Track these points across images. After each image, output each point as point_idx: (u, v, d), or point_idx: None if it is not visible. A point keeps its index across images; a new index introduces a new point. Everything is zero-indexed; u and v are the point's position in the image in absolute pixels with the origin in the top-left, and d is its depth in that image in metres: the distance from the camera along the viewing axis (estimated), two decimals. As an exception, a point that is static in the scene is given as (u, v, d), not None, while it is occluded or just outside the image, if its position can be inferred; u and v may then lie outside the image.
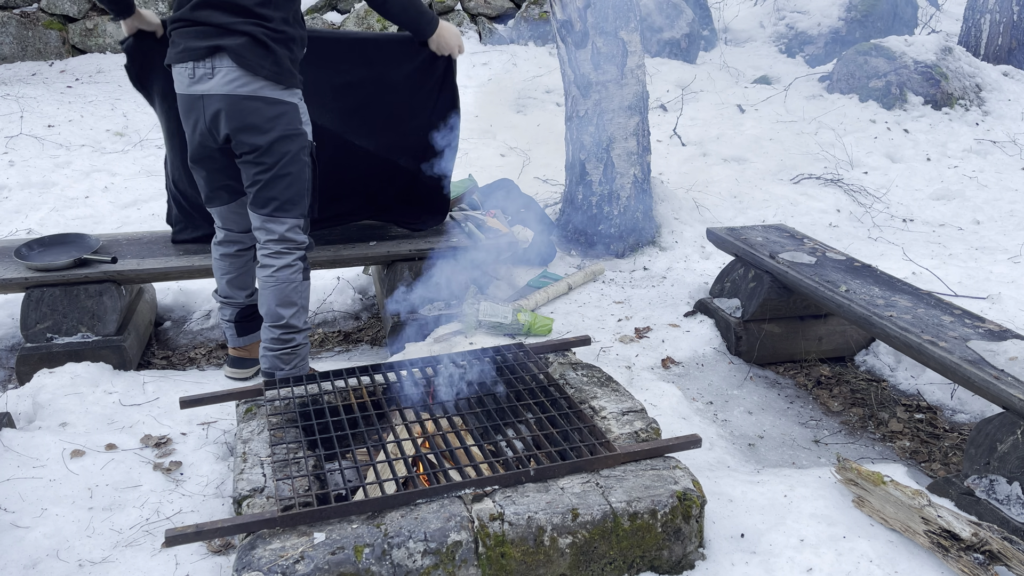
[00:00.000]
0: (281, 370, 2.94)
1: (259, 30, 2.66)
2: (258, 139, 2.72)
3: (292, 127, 2.76)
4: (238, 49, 2.64)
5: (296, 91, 2.79)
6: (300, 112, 2.80)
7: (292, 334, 2.92)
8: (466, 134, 6.45)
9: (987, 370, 2.41)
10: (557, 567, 2.05)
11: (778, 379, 3.43)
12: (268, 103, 2.70)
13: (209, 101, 2.71)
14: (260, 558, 1.89)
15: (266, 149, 2.73)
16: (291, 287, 2.86)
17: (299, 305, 2.90)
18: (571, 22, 4.26)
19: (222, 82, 2.67)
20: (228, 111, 2.69)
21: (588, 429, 2.36)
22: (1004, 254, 4.62)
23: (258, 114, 2.70)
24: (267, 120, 2.71)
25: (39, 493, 2.42)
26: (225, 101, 2.68)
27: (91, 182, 5.37)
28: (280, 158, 2.75)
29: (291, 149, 2.76)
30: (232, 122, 2.71)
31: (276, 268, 2.84)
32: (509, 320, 3.51)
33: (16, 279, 3.25)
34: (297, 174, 2.80)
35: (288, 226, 2.83)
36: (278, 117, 2.72)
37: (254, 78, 2.66)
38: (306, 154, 2.82)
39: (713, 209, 5.18)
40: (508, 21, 9.10)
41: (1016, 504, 2.29)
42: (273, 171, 2.76)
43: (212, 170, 2.93)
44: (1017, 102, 7.11)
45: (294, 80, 2.76)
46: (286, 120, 2.74)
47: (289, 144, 2.76)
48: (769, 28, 9.36)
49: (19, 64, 7.87)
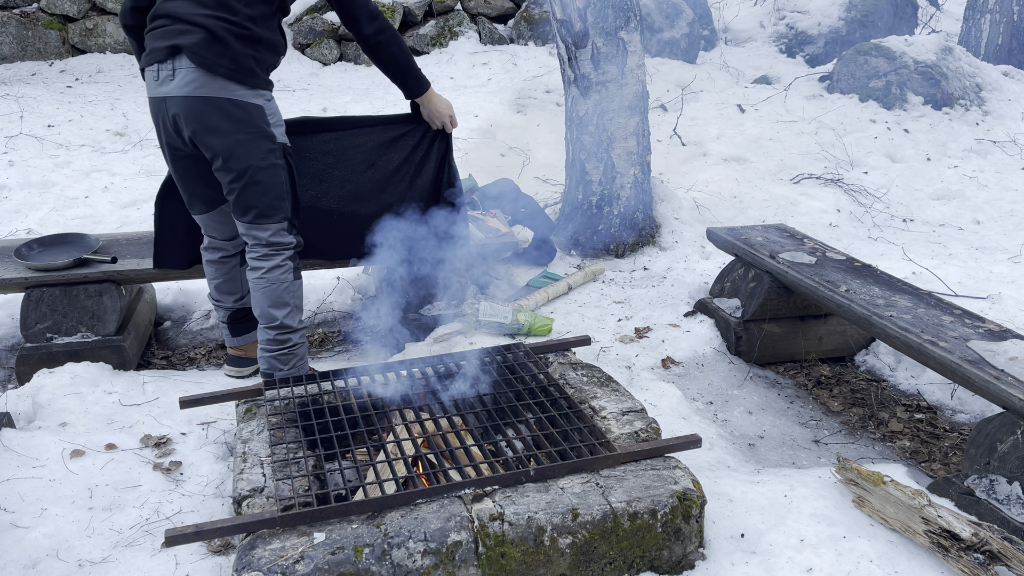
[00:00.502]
0: (280, 370, 2.93)
1: (219, 24, 2.59)
2: (218, 142, 2.65)
3: (255, 128, 2.67)
4: (194, 47, 2.58)
5: (262, 92, 2.70)
6: (266, 113, 2.71)
7: (287, 334, 2.90)
8: (466, 134, 6.46)
9: (987, 370, 2.41)
10: (557, 567, 2.05)
11: (778, 379, 3.43)
12: (226, 104, 2.62)
13: (170, 104, 2.66)
14: (260, 558, 1.88)
15: (230, 154, 2.66)
16: (282, 287, 2.83)
17: (292, 305, 2.87)
18: (571, 22, 4.26)
19: (181, 83, 2.61)
20: (186, 114, 2.64)
21: (588, 429, 2.36)
22: (1004, 254, 4.62)
23: (216, 116, 2.63)
24: (226, 122, 2.63)
25: (39, 493, 2.42)
26: (183, 103, 2.63)
27: (91, 182, 5.37)
28: (248, 164, 2.68)
29: (257, 152, 2.68)
30: (191, 124, 2.65)
31: (266, 270, 2.81)
32: (509, 320, 3.51)
33: (16, 279, 3.25)
34: (270, 179, 2.73)
35: (272, 231, 2.78)
36: (238, 119, 2.64)
37: (213, 78, 2.59)
38: (277, 157, 2.74)
39: (713, 209, 5.18)
40: (508, 21, 9.10)
41: (1016, 504, 2.28)
42: (245, 179, 2.70)
43: (187, 177, 2.88)
44: (1017, 102, 7.11)
45: (257, 80, 2.68)
46: (248, 122, 2.66)
47: (254, 147, 2.68)
48: (769, 28, 9.36)
49: (19, 64, 7.86)
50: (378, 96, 7.30)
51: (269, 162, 2.72)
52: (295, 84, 7.79)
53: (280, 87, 7.64)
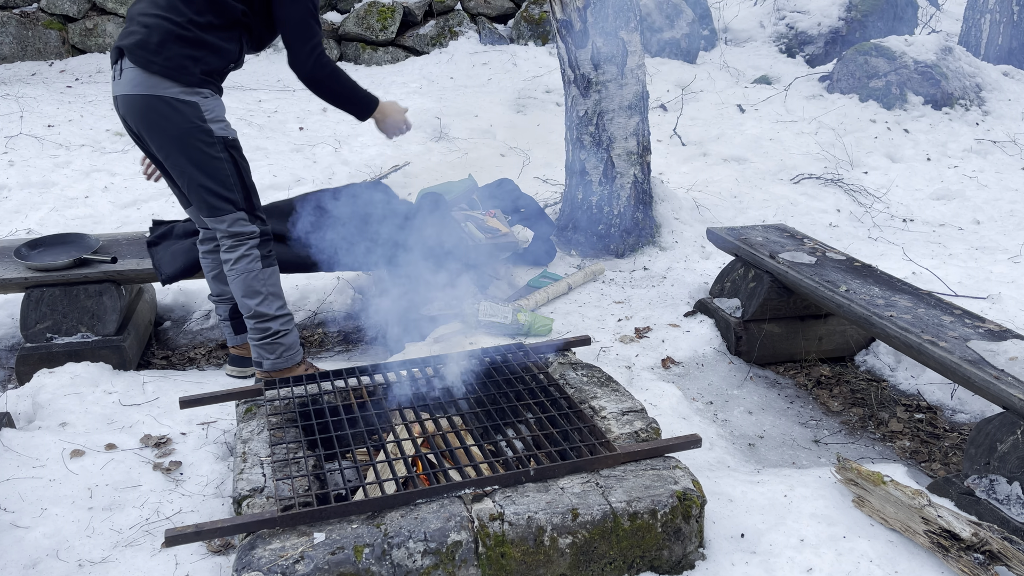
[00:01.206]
0: (267, 360, 2.95)
1: (163, 23, 2.66)
2: (158, 139, 2.74)
3: (190, 124, 2.71)
4: (131, 47, 2.67)
5: (198, 90, 2.72)
6: (202, 109, 2.73)
7: (265, 322, 2.92)
8: (466, 134, 6.46)
9: (987, 370, 2.41)
10: (557, 567, 2.05)
11: (778, 379, 3.43)
12: (158, 102, 2.68)
13: (119, 103, 2.77)
14: (260, 558, 1.88)
15: (169, 151, 2.75)
16: (251, 276, 2.87)
17: (264, 293, 2.90)
18: (571, 22, 4.26)
19: (124, 83, 2.71)
20: (129, 112, 2.74)
21: (588, 429, 2.36)
22: (1004, 254, 4.62)
23: (151, 113, 2.70)
24: (162, 119, 2.70)
25: (39, 493, 2.42)
26: (126, 102, 2.73)
27: (91, 182, 5.37)
28: (188, 160, 2.74)
29: (194, 148, 2.73)
30: (134, 122, 2.75)
31: (233, 261, 2.87)
32: (509, 320, 3.51)
33: (16, 279, 3.25)
34: (214, 173, 2.77)
35: (228, 222, 2.83)
36: (170, 117, 2.70)
37: (148, 75, 2.66)
38: (218, 150, 2.77)
39: (713, 209, 5.18)
40: (508, 21, 9.10)
41: (1016, 504, 2.28)
42: (188, 175, 2.77)
43: (162, 173, 2.98)
44: (1017, 102, 7.11)
45: (191, 79, 2.69)
46: (182, 119, 2.70)
47: (190, 143, 2.73)
48: (769, 28, 9.36)
49: (19, 64, 7.86)
50: (378, 96, 7.30)
51: (209, 156, 2.76)
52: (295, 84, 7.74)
53: (281, 87, 7.64)
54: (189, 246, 3.31)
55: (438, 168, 5.80)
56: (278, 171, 5.53)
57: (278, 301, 2.94)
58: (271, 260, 2.92)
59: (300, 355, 3.02)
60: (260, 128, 6.36)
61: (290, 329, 2.97)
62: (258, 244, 2.87)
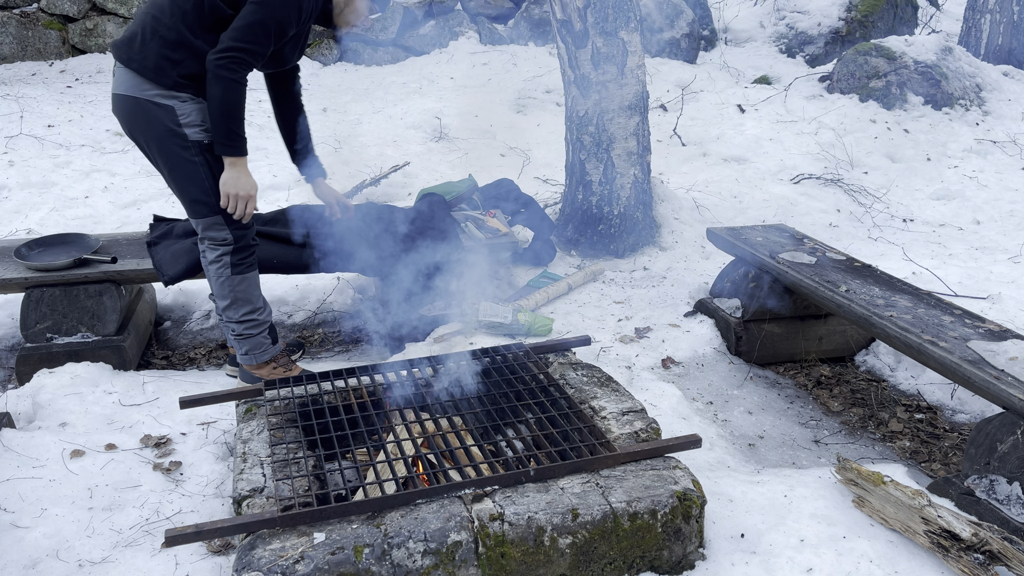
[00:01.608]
0: (239, 353, 3.04)
1: (151, 21, 2.71)
2: (141, 139, 2.81)
3: (164, 128, 2.73)
4: (118, 43, 2.74)
5: (177, 94, 2.72)
6: (177, 113, 2.73)
7: (229, 323, 3.01)
8: (466, 134, 6.46)
9: (987, 370, 2.41)
10: (557, 567, 2.05)
11: (778, 379, 3.43)
12: (135, 104, 2.74)
13: (112, 102, 2.84)
14: (260, 558, 1.88)
15: (152, 151, 2.82)
16: (219, 281, 2.92)
17: (232, 298, 2.95)
18: (571, 22, 4.26)
19: (115, 81, 2.79)
20: (117, 111, 2.84)
21: (588, 429, 2.36)
22: (1004, 254, 4.62)
23: (134, 113, 2.76)
24: (141, 121, 2.76)
25: (39, 493, 2.42)
26: (115, 101, 2.81)
27: (91, 182, 5.37)
28: (165, 161, 2.80)
29: (170, 151, 2.77)
30: (120, 121, 2.83)
31: (208, 262, 2.93)
32: (509, 320, 3.51)
33: (16, 279, 3.25)
34: (189, 176, 2.80)
35: (205, 224, 2.87)
36: (147, 120, 2.74)
37: (130, 74, 2.71)
38: (193, 154, 2.77)
39: (713, 209, 5.18)
40: (508, 21, 9.10)
41: (1016, 504, 2.28)
42: (166, 175, 2.86)
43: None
44: (1017, 102, 7.10)
45: (167, 80, 2.69)
46: (157, 123, 2.73)
47: (165, 146, 2.77)
48: (769, 28, 9.36)
49: (19, 64, 7.86)
50: (378, 96, 7.30)
51: (184, 159, 2.79)
52: (295, 84, 7.77)
53: (280, 87, 7.62)
54: (190, 246, 3.31)
55: (438, 168, 5.80)
56: (278, 171, 5.53)
57: (246, 307, 2.98)
58: (244, 268, 2.94)
59: (268, 356, 3.07)
60: (260, 128, 6.36)
61: (253, 333, 3.03)
62: (231, 252, 2.90)
